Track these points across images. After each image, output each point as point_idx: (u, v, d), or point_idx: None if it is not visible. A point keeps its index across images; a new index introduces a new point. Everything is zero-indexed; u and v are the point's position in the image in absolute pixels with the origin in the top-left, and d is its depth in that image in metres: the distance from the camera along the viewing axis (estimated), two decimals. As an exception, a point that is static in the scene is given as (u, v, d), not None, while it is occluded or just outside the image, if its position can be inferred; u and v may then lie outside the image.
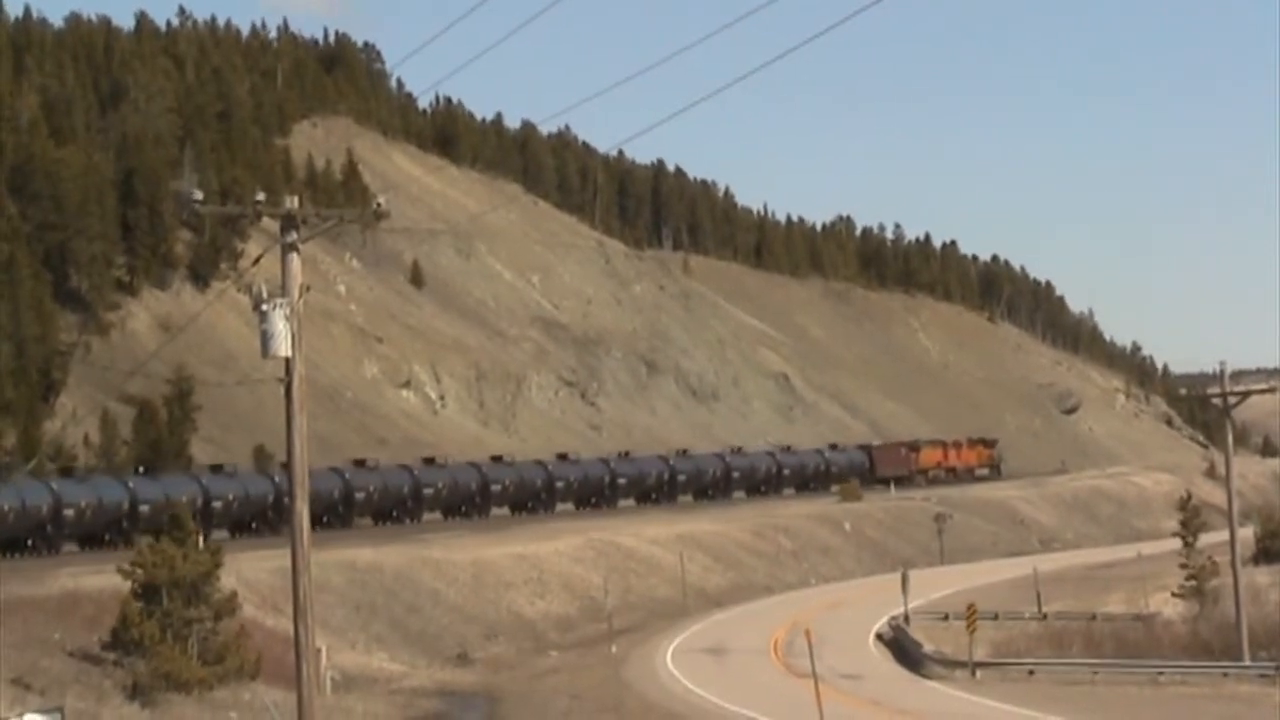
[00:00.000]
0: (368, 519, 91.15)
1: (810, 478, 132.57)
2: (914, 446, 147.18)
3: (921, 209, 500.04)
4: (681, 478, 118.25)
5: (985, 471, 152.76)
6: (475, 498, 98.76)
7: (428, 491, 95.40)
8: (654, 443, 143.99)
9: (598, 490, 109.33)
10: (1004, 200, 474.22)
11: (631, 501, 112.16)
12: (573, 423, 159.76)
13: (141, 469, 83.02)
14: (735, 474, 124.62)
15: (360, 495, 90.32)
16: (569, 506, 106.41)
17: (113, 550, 71.02)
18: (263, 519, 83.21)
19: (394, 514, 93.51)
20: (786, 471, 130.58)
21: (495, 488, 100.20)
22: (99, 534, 75.53)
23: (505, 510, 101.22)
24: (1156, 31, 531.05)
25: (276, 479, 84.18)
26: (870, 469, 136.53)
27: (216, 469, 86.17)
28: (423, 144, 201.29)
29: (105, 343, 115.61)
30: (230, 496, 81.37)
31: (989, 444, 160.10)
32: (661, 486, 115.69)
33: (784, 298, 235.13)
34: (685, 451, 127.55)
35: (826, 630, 62.52)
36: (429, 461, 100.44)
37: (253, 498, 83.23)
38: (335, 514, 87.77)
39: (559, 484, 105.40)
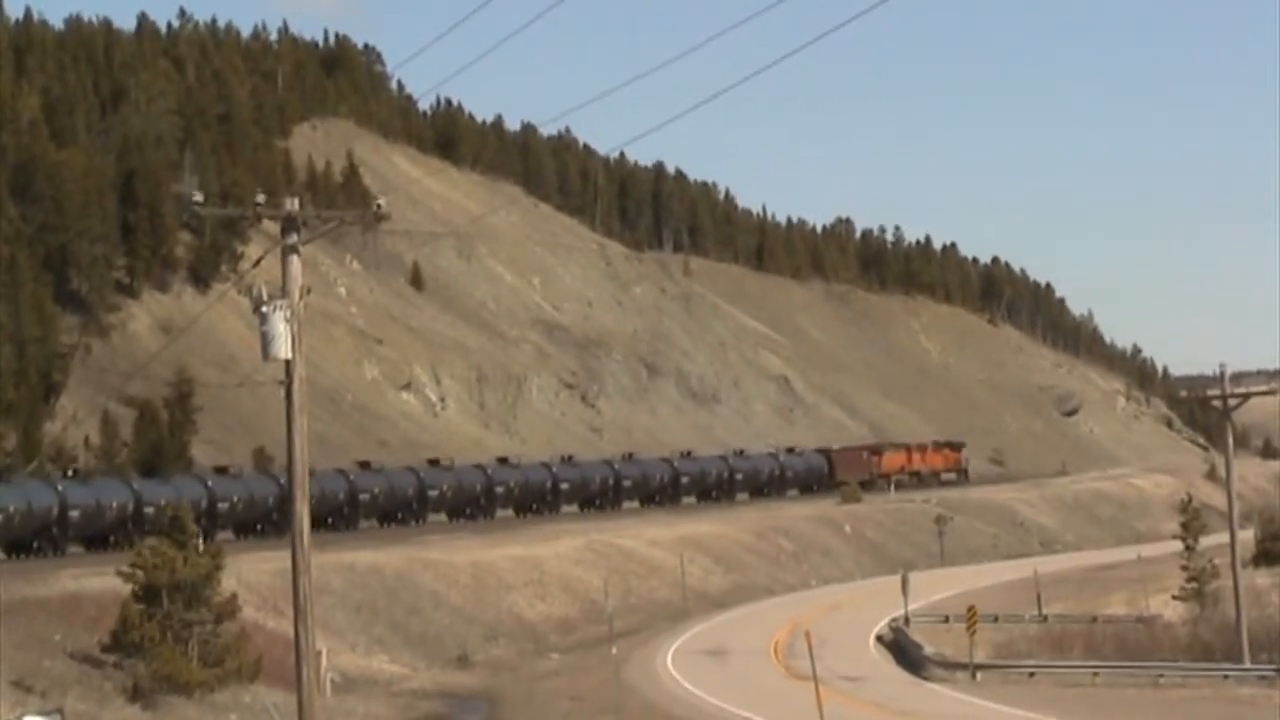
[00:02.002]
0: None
1: (765, 483, 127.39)
2: (876, 450, 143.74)
3: (922, 211, 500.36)
4: (627, 483, 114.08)
5: (952, 476, 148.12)
6: (413, 503, 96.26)
7: (364, 497, 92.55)
8: (655, 444, 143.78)
9: (539, 496, 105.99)
10: (1004, 202, 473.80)
11: (575, 508, 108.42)
12: (573, 425, 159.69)
13: (71, 472, 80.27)
14: (685, 479, 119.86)
15: None
16: (509, 513, 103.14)
17: (42, 558, 69.99)
18: (198, 524, 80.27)
19: (329, 520, 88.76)
20: (740, 476, 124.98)
21: (433, 493, 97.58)
22: (28, 540, 72.85)
23: (443, 516, 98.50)
24: (1157, 33, 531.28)
25: (210, 483, 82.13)
26: (830, 474, 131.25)
27: (149, 474, 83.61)
28: (423, 146, 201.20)
29: (106, 344, 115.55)
30: (163, 502, 74.80)
31: (955, 447, 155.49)
32: (606, 492, 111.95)
33: (784, 300, 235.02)
34: (631, 455, 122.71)
35: (827, 632, 62.60)
36: (364, 465, 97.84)
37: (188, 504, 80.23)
38: (269, 521, 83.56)
39: (498, 489, 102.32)
